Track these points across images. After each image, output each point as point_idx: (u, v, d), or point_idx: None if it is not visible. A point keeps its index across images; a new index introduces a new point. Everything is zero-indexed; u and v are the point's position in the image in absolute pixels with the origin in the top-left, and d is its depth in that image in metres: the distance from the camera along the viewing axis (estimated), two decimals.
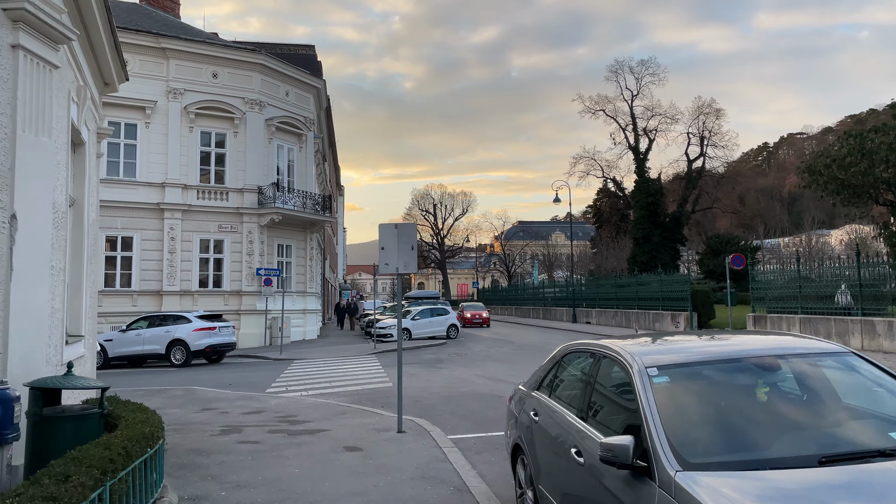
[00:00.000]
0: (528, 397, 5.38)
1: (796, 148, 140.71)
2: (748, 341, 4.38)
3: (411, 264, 9.00)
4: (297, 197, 29.03)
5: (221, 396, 13.03)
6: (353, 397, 12.98)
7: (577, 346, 4.94)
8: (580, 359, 4.86)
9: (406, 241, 8.99)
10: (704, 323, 28.68)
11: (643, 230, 53.44)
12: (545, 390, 5.11)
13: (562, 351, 5.19)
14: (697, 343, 4.61)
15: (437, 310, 30.94)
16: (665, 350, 4.28)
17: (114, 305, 25.09)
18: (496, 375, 15.90)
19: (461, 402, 11.89)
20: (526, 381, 5.83)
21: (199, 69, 27.17)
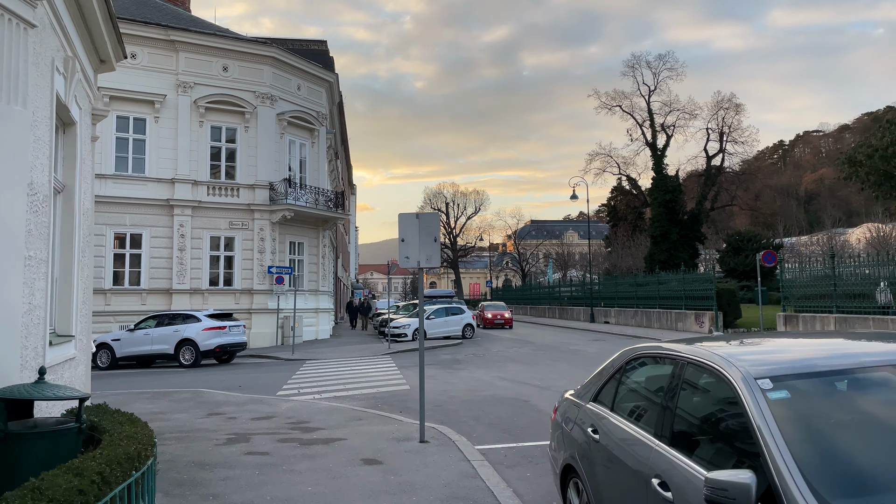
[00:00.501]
0: (581, 410, 4.55)
1: (812, 146, 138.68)
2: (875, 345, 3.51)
3: (434, 258, 8.20)
4: (309, 193, 28.33)
5: (230, 400, 12.30)
6: (369, 401, 12.21)
7: (647, 351, 4.11)
8: (653, 366, 4.04)
9: (428, 232, 8.19)
10: (730, 323, 27.67)
11: (661, 228, 52.32)
12: (605, 403, 4.28)
13: (624, 356, 4.36)
14: (809, 345, 3.74)
15: (453, 309, 30.13)
16: (772, 354, 3.44)
17: (122, 304, 24.52)
18: (519, 378, 15.07)
19: (485, 408, 11.07)
20: (577, 391, 5.00)
21: (209, 62, 26.52)
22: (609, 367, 4.51)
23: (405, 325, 27.88)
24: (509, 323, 37.41)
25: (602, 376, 4.54)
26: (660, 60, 56.39)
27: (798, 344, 3.76)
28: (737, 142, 55.19)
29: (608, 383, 4.38)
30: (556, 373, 15.93)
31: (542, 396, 12.10)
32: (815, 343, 3.80)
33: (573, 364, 17.97)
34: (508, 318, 37.61)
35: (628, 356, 4.28)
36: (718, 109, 54.71)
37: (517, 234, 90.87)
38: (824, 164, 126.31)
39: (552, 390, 12.87)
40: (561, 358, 19.83)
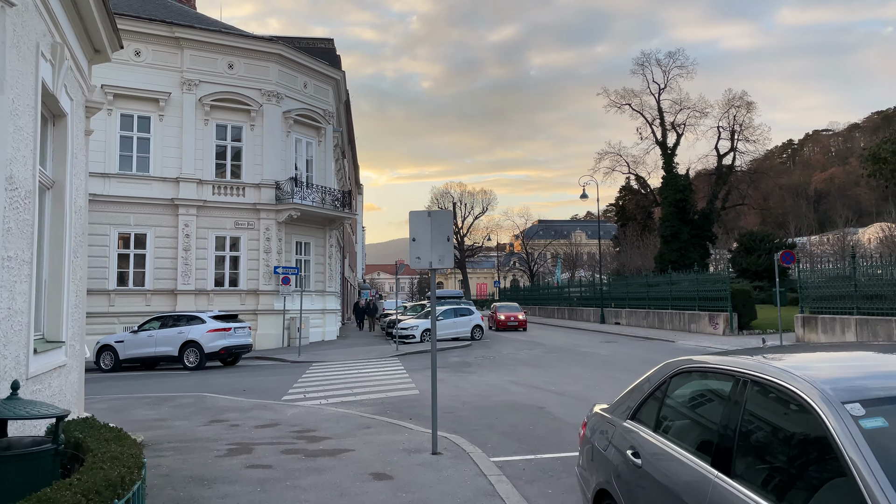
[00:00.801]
0: (618, 429, 4.06)
1: (822, 145, 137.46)
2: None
3: (447, 258, 7.73)
4: (315, 192, 27.92)
5: (234, 405, 11.87)
6: (377, 407, 11.75)
7: (695, 364, 3.62)
8: (703, 381, 3.56)
9: (441, 230, 7.73)
10: (745, 324, 27.06)
11: (671, 228, 51.67)
12: (646, 422, 3.80)
13: (667, 370, 3.87)
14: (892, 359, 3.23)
15: (461, 310, 29.65)
16: (852, 369, 2.95)
17: (126, 305, 24.18)
18: (532, 382, 14.58)
19: (499, 415, 10.59)
20: (610, 406, 4.51)
21: (215, 60, 26.15)
22: (648, 381, 4.02)
23: (413, 326, 27.44)
24: (523, 325, 35.36)
25: (640, 391, 4.05)
26: (670, 58, 55.74)
27: (878, 359, 3.25)
28: (748, 140, 54.48)
29: (649, 400, 3.89)
30: (570, 377, 15.43)
31: (557, 403, 11.61)
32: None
33: (587, 367, 17.46)
34: (523, 320, 35.50)
35: (672, 370, 3.79)
36: (730, 107, 54.01)
37: (525, 234, 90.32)
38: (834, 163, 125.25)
39: (567, 396, 12.38)
40: (573, 361, 19.32)
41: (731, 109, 54.02)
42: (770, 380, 2.85)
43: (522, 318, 35.57)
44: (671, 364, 3.87)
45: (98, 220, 23.78)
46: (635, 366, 17.52)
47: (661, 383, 3.82)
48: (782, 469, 2.66)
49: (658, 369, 4.01)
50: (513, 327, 34.93)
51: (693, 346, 22.95)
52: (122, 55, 24.48)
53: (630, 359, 19.53)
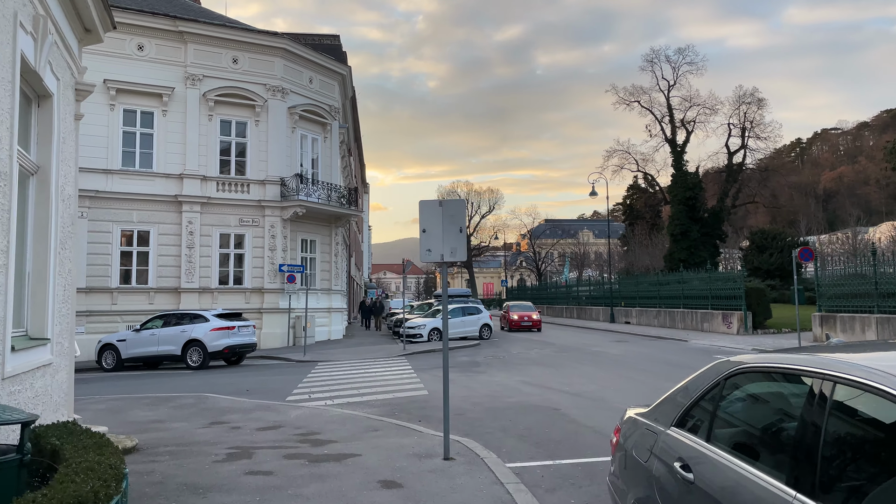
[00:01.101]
0: (661, 437, 3.56)
1: (830, 144, 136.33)
2: None
3: (460, 250, 7.25)
4: (321, 189, 27.48)
5: (236, 406, 11.42)
6: (385, 408, 11.28)
7: (759, 365, 3.12)
8: (768, 384, 3.06)
9: (453, 221, 7.24)
10: (760, 323, 26.46)
11: (681, 226, 51.05)
12: (697, 430, 3.30)
13: (719, 370, 3.37)
14: None
15: (469, 308, 29.16)
16: None
17: (129, 303, 23.80)
18: (544, 382, 14.08)
19: (512, 417, 10.09)
20: (649, 410, 4.01)
21: (219, 54, 25.74)
22: (697, 382, 3.52)
23: (420, 325, 26.98)
24: (538, 325, 33.37)
25: (686, 395, 3.55)
26: (679, 54, 55.07)
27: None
28: (759, 137, 53.75)
29: (698, 405, 3.39)
30: (584, 377, 14.92)
31: (572, 404, 11.11)
32: None
33: (600, 367, 16.94)
34: (537, 320, 33.48)
35: (726, 371, 3.29)
36: (740, 104, 53.27)
37: (532, 233, 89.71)
38: (843, 161, 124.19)
39: (582, 397, 11.88)
40: (585, 360, 18.81)
41: (742, 106, 53.30)
42: (865, 382, 2.36)
43: (537, 318, 33.65)
44: (724, 364, 3.37)
45: (100, 216, 23.45)
46: (649, 365, 17.00)
47: (713, 386, 3.32)
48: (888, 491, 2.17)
49: (707, 370, 3.51)
50: (526, 327, 33.14)
51: (707, 346, 22.39)
52: (124, 49, 24.15)
53: (643, 358, 19.01)
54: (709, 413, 3.26)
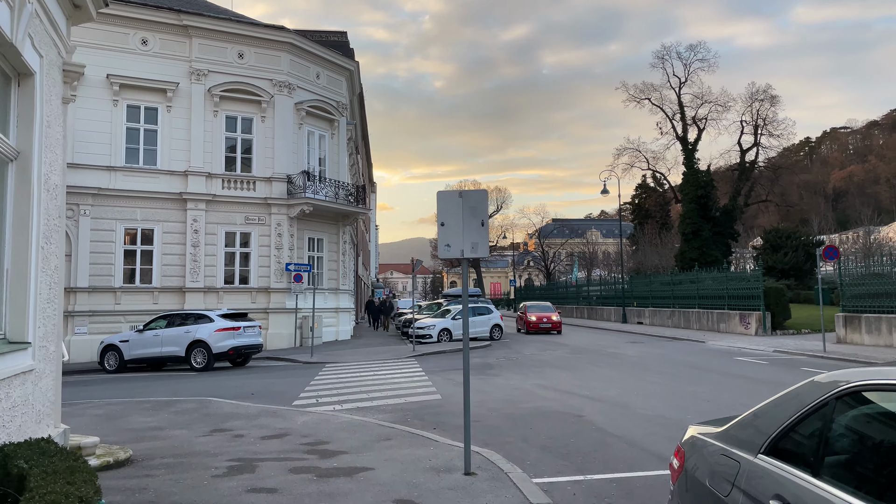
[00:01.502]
0: (746, 465, 2.92)
1: (840, 143, 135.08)
2: None
3: (481, 245, 6.63)
4: (328, 187, 26.92)
5: (239, 411, 10.85)
6: (397, 414, 10.68)
7: (876, 379, 2.48)
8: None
9: (474, 213, 6.63)
10: (779, 324, 25.72)
11: (693, 225, 50.28)
12: (799, 462, 2.66)
13: (825, 387, 2.73)
14: None
15: (479, 308, 28.51)
16: None
17: (133, 303, 23.31)
18: (561, 386, 13.44)
19: (533, 424, 9.47)
20: (724, 430, 3.36)
21: (224, 49, 25.22)
22: (793, 401, 2.89)
23: (430, 325, 26.39)
24: (558, 327, 30.76)
25: (779, 416, 2.91)
26: (691, 51, 54.17)
27: None
28: (772, 135, 52.88)
29: (799, 427, 2.76)
30: (603, 380, 14.28)
31: (595, 410, 10.47)
32: None
33: (618, 370, 16.29)
34: (557, 322, 30.87)
35: (835, 388, 2.65)
36: (753, 101, 52.39)
37: (539, 232, 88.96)
38: (852, 160, 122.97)
39: (605, 402, 11.24)
40: (602, 362, 18.16)
41: (755, 103, 52.44)
42: None
43: (557, 320, 30.97)
44: (830, 381, 2.73)
45: (104, 214, 22.96)
46: (669, 368, 16.35)
47: (819, 406, 2.69)
48: None
49: (807, 386, 2.87)
50: (545, 330, 30.56)
51: (726, 347, 21.71)
52: (128, 44, 23.66)
53: (662, 360, 18.35)
54: (815, 440, 2.63)
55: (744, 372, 15.22)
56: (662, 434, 8.48)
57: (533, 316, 31.10)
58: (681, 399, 11.41)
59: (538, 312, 31.52)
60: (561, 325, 31.20)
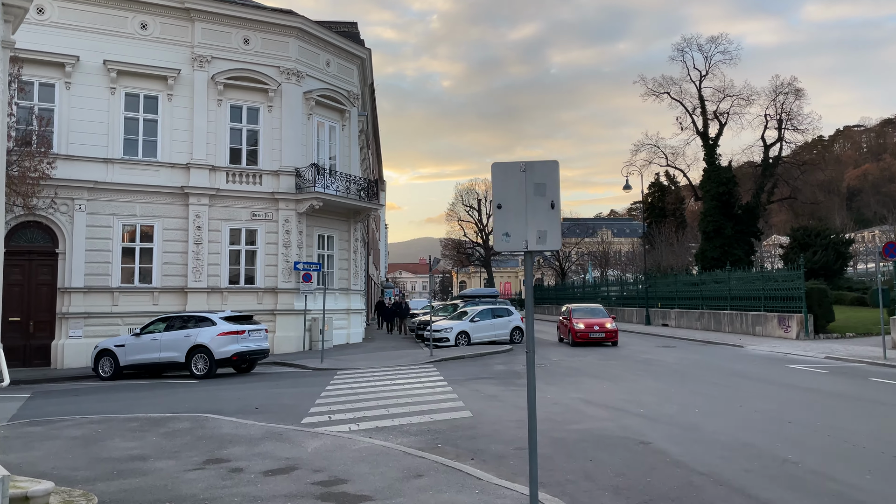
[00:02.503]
0: None
1: (853, 141, 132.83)
2: None
3: (552, 235, 5.04)
4: (339, 181, 25.37)
5: (240, 433, 9.29)
6: (424, 437, 9.10)
7: None
8: None
9: (541, 191, 5.04)
10: (822, 327, 23.99)
11: (714, 223, 48.50)
12: None
13: None
14: None
15: (498, 310, 26.90)
16: None
17: (132, 304, 21.84)
18: (607, 401, 11.82)
19: (592, 454, 7.86)
20: None
21: (229, 34, 23.71)
22: None
23: (447, 328, 24.82)
24: (613, 337, 23.85)
25: None
26: (712, 43, 52.31)
27: None
28: (797, 129, 50.99)
29: None
30: (649, 393, 12.65)
31: (660, 434, 8.85)
32: None
33: (661, 379, 14.65)
34: (612, 331, 23.84)
35: None
36: (777, 94, 50.49)
37: None
38: (867, 159, 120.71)
39: (666, 423, 9.61)
40: (639, 370, 16.52)
41: (779, 97, 50.56)
42: None
43: (612, 328, 23.95)
44: None
45: (100, 210, 21.53)
46: (717, 377, 14.69)
47: None
48: None
49: None
50: (596, 341, 23.83)
51: (768, 353, 20.01)
52: (126, 28, 22.23)
53: (704, 368, 16.69)
54: None
55: (806, 383, 13.55)
56: (761, 471, 6.86)
57: (580, 323, 24.29)
58: (755, 419, 9.77)
59: (587, 318, 24.73)
60: (617, 335, 24.24)
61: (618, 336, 24.29)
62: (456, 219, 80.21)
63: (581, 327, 24.15)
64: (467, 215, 79.76)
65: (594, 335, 23.88)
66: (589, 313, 25.38)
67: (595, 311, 25.76)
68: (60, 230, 21.12)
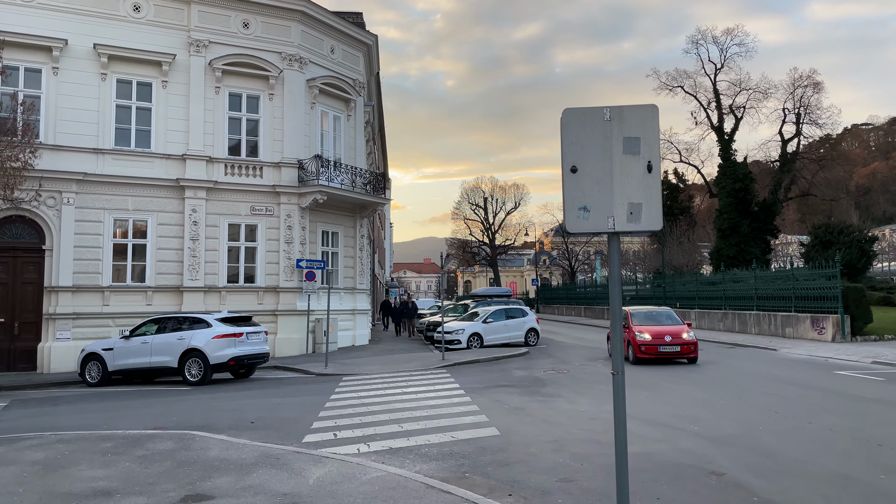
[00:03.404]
0: None
1: (861, 139, 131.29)
2: None
3: (651, 210, 3.61)
4: (344, 174, 23.97)
5: (230, 456, 7.89)
6: (446, 462, 7.69)
7: None
8: None
9: (635, 148, 3.61)
10: (859, 329, 22.49)
11: (730, 220, 47.00)
12: None
13: None
14: None
15: (512, 310, 25.47)
16: None
17: (124, 304, 20.50)
18: (652, 415, 10.37)
19: (657, 489, 6.43)
20: None
21: (227, 17, 22.34)
22: None
23: (458, 329, 23.41)
24: (691, 350, 17.54)
25: None
26: (728, 35, 50.83)
27: None
28: (816, 124, 49.45)
29: None
30: (697, 405, 11.21)
31: (732, 461, 7.41)
32: None
33: (703, 388, 13.21)
34: (689, 343, 17.53)
35: None
36: (795, 88, 48.96)
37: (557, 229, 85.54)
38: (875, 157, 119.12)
39: (733, 445, 8.16)
40: (676, 377, 15.05)
41: (798, 90, 49.02)
42: None
43: (690, 339, 17.62)
44: None
45: (90, 203, 20.19)
46: (764, 385, 13.22)
47: None
48: None
49: None
50: (669, 356, 17.49)
51: (807, 357, 18.52)
52: (118, 10, 20.88)
53: (744, 374, 15.23)
54: None
55: (867, 393, 12.08)
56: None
57: (645, 332, 17.80)
58: (835, 440, 8.32)
59: (652, 326, 18.26)
60: (696, 348, 17.74)
61: (697, 350, 17.81)
62: (462, 217, 78.73)
63: (646, 338, 17.59)
64: (473, 214, 78.27)
65: (666, 349, 17.40)
66: (654, 318, 19.09)
67: (662, 316, 19.32)
68: (47, 225, 19.77)
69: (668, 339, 17.60)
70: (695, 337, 18.08)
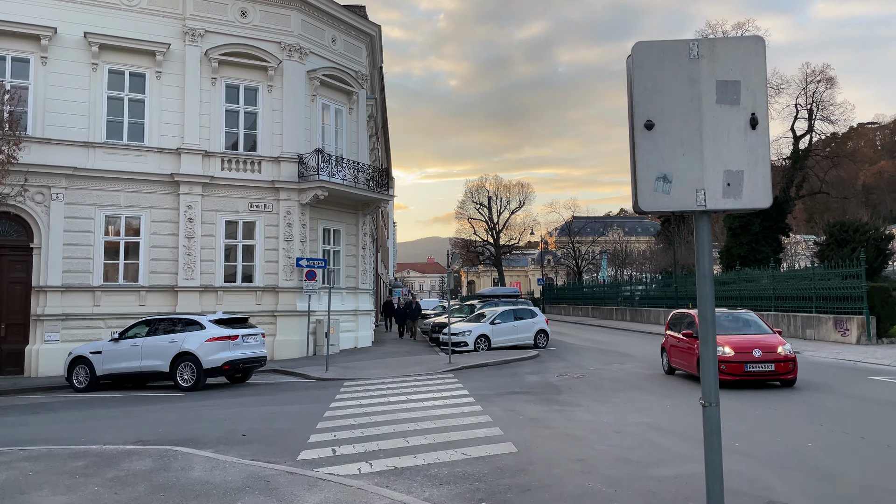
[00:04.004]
0: None
1: (867, 138, 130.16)
2: None
3: (754, 178, 2.66)
4: (346, 169, 23.03)
5: (214, 479, 6.95)
6: (459, 485, 6.74)
7: None
8: None
9: (734, 97, 2.65)
10: (884, 330, 21.47)
11: (741, 219, 45.89)
12: None
13: None
14: None
15: (520, 311, 24.51)
16: None
17: (115, 305, 19.60)
18: (685, 429, 9.42)
19: None
20: None
21: (224, 5, 21.44)
22: None
23: (465, 331, 22.45)
24: (789, 372, 12.86)
25: None
26: (738, 30, 49.72)
27: None
28: (829, 120, 48.41)
29: None
30: (732, 416, 10.19)
31: (789, 485, 6.46)
32: None
33: (732, 395, 12.21)
34: (786, 359, 12.86)
35: None
36: (808, 83, 47.93)
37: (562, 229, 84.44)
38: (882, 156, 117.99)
39: (783, 465, 7.20)
40: (696, 382, 14.06)
41: (810, 85, 47.98)
42: None
43: (786, 354, 12.96)
44: None
45: (80, 199, 19.29)
46: (798, 392, 12.21)
47: None
48: None
49: None
50: (760, 377, 12.84)
51: (832, 360, 17.53)
52: None
53: None
54: None
55: None
56: None
57: (727, 346, 13.05)
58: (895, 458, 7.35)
59: (732, 336, 13.69)
60: (796, 368, 13.07)
61: (797, 370, 13.12)
62: (465, 217, 77.68)
63: (727, 353, 12.90)
64: (477, 213, 77.20)
65: (755, 368, 12.79)
66: (733, 326, 14.38)
67: (745, 323, 14.61)
68: (35, 222, 18.88)
69: (757, 355, 12.83)
70: (792, 351, 13.34)
